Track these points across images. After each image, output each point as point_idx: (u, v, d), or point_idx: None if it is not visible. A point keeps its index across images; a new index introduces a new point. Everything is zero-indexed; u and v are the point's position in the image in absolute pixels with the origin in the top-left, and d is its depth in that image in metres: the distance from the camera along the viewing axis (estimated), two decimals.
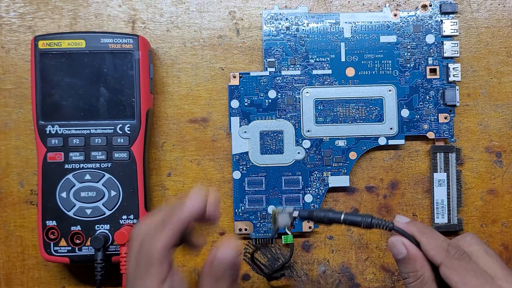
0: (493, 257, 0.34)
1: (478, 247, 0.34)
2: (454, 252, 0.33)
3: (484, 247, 0.34)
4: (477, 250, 0.34)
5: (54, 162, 0.41)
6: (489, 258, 0.34)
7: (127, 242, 0.40)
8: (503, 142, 0.45)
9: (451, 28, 0.44)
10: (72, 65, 0.41)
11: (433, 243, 0.33)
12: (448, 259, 0.33)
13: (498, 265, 0.33)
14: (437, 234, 0.34)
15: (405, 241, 0.34)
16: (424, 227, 0.35)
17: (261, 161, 0.44)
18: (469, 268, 0.33)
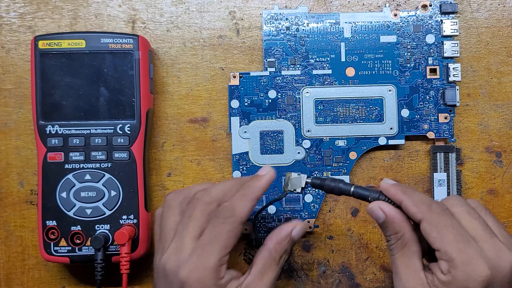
0: (476, 219, 0.33)
1: (462, 208, 0.34)
2: (436, 207, 0.33)
3: (467, 209, 0.34)
4: (460, 211, 0.33)
5: (54, 162, 0.41)
6: (472, 220, 0.33)
7: (127, 241, 0.40)
8: (503, 142, 0.45)
9: (451, 28, 0.44)
10: (72, 65, 0.41)
11: (414, 200, 0.33)
12: (429, 214, 0.33)
13: (480, 226, 0.33)
14: (419, 193, 0.34)
15: (382, 205, 0.34)
16: (408, 188, 0.35)
17: (261, 161, 0.44)
18: (449, 224, 0.32)
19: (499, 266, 0.31)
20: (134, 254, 0.42)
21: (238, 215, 0.34)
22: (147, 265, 0.45)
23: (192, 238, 0.34)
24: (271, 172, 0.36)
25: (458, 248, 0.31)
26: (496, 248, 0.32)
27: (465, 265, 0.31)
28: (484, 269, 0.31)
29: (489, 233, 0.32)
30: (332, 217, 0.45)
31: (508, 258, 0.31)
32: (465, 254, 0.31)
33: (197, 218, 0.34)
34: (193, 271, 0.33)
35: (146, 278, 0.45)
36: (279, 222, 0.44)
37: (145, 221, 0.42)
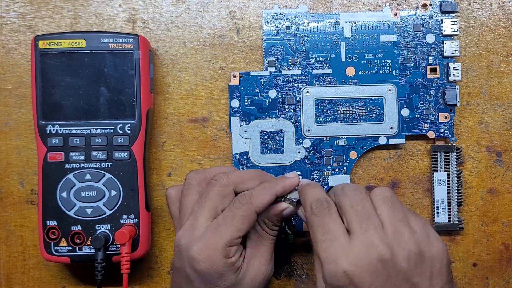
0: (355, 212, 0.33)
1: (347, 200, 0.34)
2: (315, 208, 0.34)
3: (351, 200, 0.34)
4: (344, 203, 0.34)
5: (54, 162, 0.41)
6: (352, 212, 0.33)
7: (128, 241, 0.40)
8: (503, 142, 0.45)
9: (451, 28, 0.44)
10: (73, 65, 0.41)
11: (304, 199, 0.35)
12: (308, 215, 0.34)
13: (357, 219, 0.33)
14: (311, 191, 0.35)
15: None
16: (307, 185, 0.36)
17: (262, 160, 0.44)
18: (320, 223, 0.33)
19: (364, 260, 0.31)
20: (135, 254, 0.42)
21: (254, 203, 0.36)
22: (147, 265, 0.45)
23: (206, 218, 0.36)
24: (297, 178, 0.38)
25: (323, 247, 0.32)
26: (365, 242, 0.32)
27: (328, 263, 0.32)
28: (342, 264, 0.31)
29: (364, 227, 0.32)
30: None
31: (375, 250, 0.31)
32: (328, 252, 0.32)
33: (212, 198, 0.36)
34: (203, 249, 0.34)
35: (147, 277, 0.45)
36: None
37: (146, 221, 0.42)
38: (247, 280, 0.36)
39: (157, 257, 0.45)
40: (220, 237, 0.34)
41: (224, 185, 0.36)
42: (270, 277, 0.38)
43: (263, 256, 0.37)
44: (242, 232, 0.35)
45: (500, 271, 0.45)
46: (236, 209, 0.35)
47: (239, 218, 0.35)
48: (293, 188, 0.37)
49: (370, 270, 0.31)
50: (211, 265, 0.34)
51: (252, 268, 0.36)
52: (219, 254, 0.34)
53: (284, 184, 0.37)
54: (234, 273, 0.35)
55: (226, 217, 0.35)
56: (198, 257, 0.34)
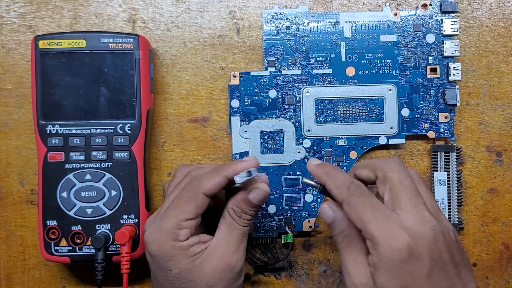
0: (406, 187, 0.33)
1: (396, 175, 0.34)
2: (354, 189, 0.33)
3: (400, 176, 0.34)
4: (393, 178, 0.34)
5: (54, 162, 0.41)
6: (402, 188, 0.33)
7: (128, 241, 0.40)
8: (503, 141, 0.45)
9: (451, 27, 0.44)
10: (73, 65, 0.41)
11: (336, 182, 0.34)
12: (348, 196, 0.33)
13: (408, 195, 0.33)
14: (341, 174, 0.35)
15: (332, 206, 0.35)
16: (332, 168, 0.35)
17: (262, 160, 0.44)
18: (367, 203, 0.33)
19: (420, 233, 0.31)
20: (135, 254, 0.42)
21: (202, 185, 0.36)
22: (147, 265, 0.45)
23: (167, 205, 0.37)
24: (253, 161, 0.37)
25: (377, 224, 0.32)
26: (418, 216, 0.32)
27: (385, 239, 0.31)
28: (404, 237, 0.31)
29: (414, 202, 0.33)
30: None
31: (429, 224, 0.32)
32: (384, 228, 0.31)
33: (178, 188, 0.37)
34: (152, 231, 0.36)
35: (147, 277, 0.45)
36: (280, 222, 0.44)
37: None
38: (206, 269, 0.35)
39: None
40: (167, 219, 0.35)
41: (192, 176, 0.37)
42: (237, 270, 0.36)
43: (228, 247, 0.36)
44: (189, 214, 0.35)
45: (500, 271, 0.45)
46: (184, 192, 0.36)
47: (185, 199, 0.35)
48: (246, 169, 0.36)
49: (428, 242, 0.31)
50: (160, 248, 0.35)
51: (213, 257, 0.36)
52: (166, 236, 0.35)
53: (234, 166, 0.36)
54: (186, 257, 0.35)
55: (174, 201, 0.36)
56: (148, 239, 0.35)
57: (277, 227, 0.44)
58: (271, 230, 0.44)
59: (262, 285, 0.45)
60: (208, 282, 0.35)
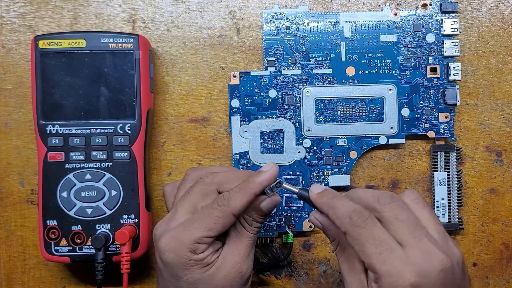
0: (403, 222, 0.32)
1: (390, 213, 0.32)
2: (356, 219, 0.32)
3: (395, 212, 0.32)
4: (388, 216, 0.32)
5: (54, 162, 0.41)
6: (399, 224, 0.32)
7: (128, 241, 0.40)
8: (503, 141, 0.45)
9: (451, 27, 0.44)
10: (73, 64, 0.41)
11: (337, 213, 0.33)
12: (350, 227, 0.32)
13: (407, 230, 0.31)
14: (342, 203, 0.33)
15: (318, 216, 0.35)
16: (332, 197, 0.34)
17: (262, 160, 0.44)
18: (369, 235, 0.31)
19: (427, 271, 0.30)
20: (135, 254, 0.42)
21: (231, 205, 0.35)
22: (147, 265, 0.45)
23: (185, 212, 0.36)
24: (274, 168, 0.36)
25: (380, 259, 0.30)
26: (423, 252, 0.31)
27: (389, 276, 0.30)
28: (408, 277, 0.30)
29: (417, 236, 0.31)
30: None
31: (437, 260, 0.30)
32: (388, 264, 0.30)
33: (193, 194, 0.36)
34: (171, 240, 0.35)
35: (147, 277, 0.45)
36: (280, 221, 0.44)
37: (146, 221, 0.42)
38: (219, 277, 0.35)
39: None
40: (190, 232, 0.34)
41: (207, 183, 0.36)
42: (247, 276, 0.37)
43: (239, 254, 0.36)
44: (214, 232, 0.35)
45: (500, 271, 0.45)
46: (213, 210, 0.35)
47: (213, 219, 0.35)
48: (273, 179, 0.36)
49: (435, 279, 0.30)
50: (176, 258, 0.34)
51: (226, 265, 0.36)
52: (185, 248, 0.34)
53: (260, 181, 0.36)
54: (201, 268, 0.35)
55: (201, 215, 0.35)
56: (164, 247, 0.35)
57: (277, 227, 0.44)
58: (271, 230, 0.44)
59: (262, 285, 0.45)
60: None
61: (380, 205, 0.33)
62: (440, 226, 0.33)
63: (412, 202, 0.34)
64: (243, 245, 0.36)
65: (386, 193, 0.33)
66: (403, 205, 0.33)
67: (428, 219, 0.33)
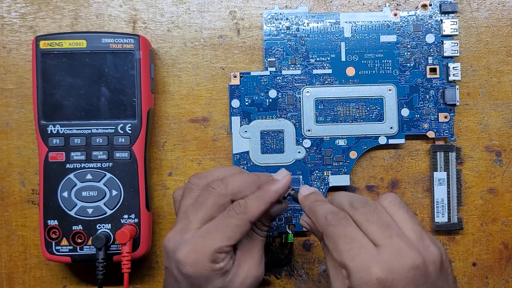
0: (373, 223, 0.32)
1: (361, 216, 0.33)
2: (331, 218, 0.33)
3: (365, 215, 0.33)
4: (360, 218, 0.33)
5: (55, 162, 0.42)
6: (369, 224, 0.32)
7: (129, 241, 0.40)
8: (503, 141, 0.45)
9: (451, 28, 0.44)
10: (73, 65, 0.41)
11: (316, 215, 0.34)
12: (325, 226, 0.33)
13: (378, 229, 0.32)
14: (321, 207, 0.34)
15: (306, 219, 0.37)
16: (314, 201, 0.35)
17: (262, 160, 0.44)
18: (341, 233, 0.32)
19: (396, 267, 0.30)
20: (135, 253, 0.42)
21: (249, 213, 0.35)
22: (148, 264, 0.45)
23: (199, 223, 0.35)
24: (288, 176, 0.37)
25: (350, 255, 0.31)
26: (394, 249, 0.31)
27: (358, 271, 0.31)
28: (375, 271, 0.30)
29: (387, 235, 0.32)
30: None
31: (407, 256, 0.31)
32: (356, 260, 0.31)
33: (208, 206, 0.36)
34: (191, 252, 0.34)
35: (147, 277, 0.45)
36: (280, 221, 0.44)
37: (146, 221, 0.42)
38: (236, 283, 0.35)
39: (157, 256, 0.45)
40: (210, 243, 0.34)
41: (222, 195, 0.36)
42: (261, 279, 0.37)
43: (253, 258, 0.37)
44: (233, 240, 0.35)
45: (499, 271, 0.45)
46: (230, 218, 0.35)
47: (232, 227, 0.35)
48: (287, 187, 0.37)
49: (403, 276, 0.30)
50: (198, 270, 0.34)
51: (242, 271, 0.36)
52: (207, 259, 0.34)
53: (277, 189, 0.36)
54: (221, 277, 0.35)
55: (219, 224, 0.35)
56: (185, 260, 0.34)
57: (277, 227, 0.44)
58: (271, 230, 0.44)
59: (262, 284, 0.45)
60: None
61: (353, 209, 0.33)
62: (416, 226, 0.33)
63: (389, 204, 0.34)
64: (256, 249, 0.37)
65: (361, 198, 0.34)
66: (375, 208, 0.33)
67: (403, 219, 0.33)
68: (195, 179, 0.38)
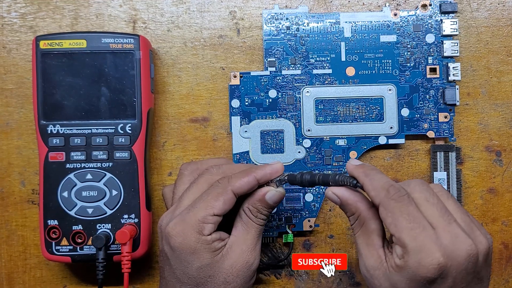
0: (434, 205, 0.33)
1: (421, 194, 0.33)
2: (394, 193, 0.32)
3: (426, 195, 0.33)
4: (419, 197, 0.33)
5: (55, 162, 0.42)
6: (430, 206, 0.32)
7: (129, 241, 0.40)
8: (503, 141, 0.45)
9: (451, 28, 0.44)
10: (73, 65, 0.41)
11: (374, 184, 0.33)
12: (386, 199, 0.33)
13: (438, 213, 0.32)
14: (381, 176, 0.34)
15: (334, 190, 0.35)
16: (371, 169, 0.35)
17: (262, 160, 0.44)
18: (404, 210, 0.32)
19: (454, 253, 0.31)
20: (136, 253, 0.42)
21: (232, 183, 0.36)
22: (148, 264, 0.45)
23: (189, 200, 0.36)
24: (280, 164, 0.37)
25: (411, 235, 0.31)
26: (453, 235, 0.31)
27: (417, 252, 0.31)
28: (437, 256, 0.30)
29: (447, 220, 0.32)
30: (333, 216, 0.45)
31: (464, 245, 0.31)
32: (418, 241, 0.31)
33: (200, 184, 0.37)
34: (177, 224, 0.35)
35: (148, 277, 0.45)
36: (280, 221, 0.44)
37: (146, 220, 0.42)
38: (226, 265, 0.36)
39: (158, 256, 0.45)
40: (194, 212, 0.35)
41: (214, 173, 0.37)
42: (254, 268, 0.37)
43: (246, 244, 0.37)
44: (216, 209, 0.35)
45: (500, 271, 0.45)
46: (213, 188, 0.36)
47: (214, 195, 0.35)
48: (276, 174, 0.37)
49: (459, 263, 0.31)
50: (183, 239, 0.35)
51: (232, 254, 0.36)
52: (192, 229, 0.35)
53: (264, 170, 0.37)
54: (209, 252, 0.35)
55: (202, 195, 0.36)
56: (171, 232, 0.35)
57: (277, 227, 0.44)
58: (271, 229, 0.44)
59: (262, 284, 0.45)
60: (226, 278, 0.36)
61: (411, 188, 0.33)
62: (466, 216, 0.33)
63: (440, 193, 0.34)
64: (250, 235, 0.37)
65: (417, 180, 0.34)
66: (433, 191, 0.33)
67: (453, 209, 0.33)
68: (185, 165, 0.39)
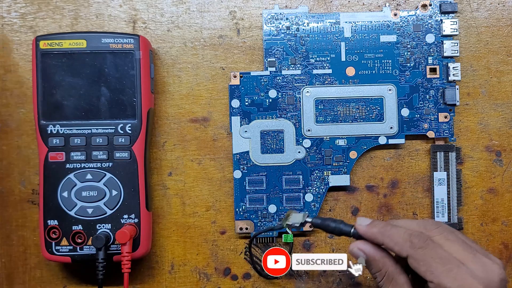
0: (454, 242, 0.33)
1: (440, 235, 0.34)
2: (417, 242, 0.33)
3: (444, 234, 0.34)
4: (439, 238, 0.34)
5: (55, 162, 0.42)
6: (451, 244, 0.33)
7: (129, 241, 0.40)
8: (503, 141, 0.45)
9: (451, 28, 0.44)
10: (73, 65, 0.41)
11: (395, 239, 0.34)
12: (412, 250, 0.33)
13: (461, 248, 0.33)
14: (397, 230, 0.34)
15: (360, 246, 0.35)
16: (384, 225, 0.35)
17: (262, 160, 0.44)
18: (434, 255, 0.32)
19: (490, 282, 0.32)
20: (136, 253, 0.42)
21: None
22: (148, 264, 0.45)
23: None
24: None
25: (451, 276, 0.32)
26: (481, 265, 0.32)
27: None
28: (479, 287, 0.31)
29: (471, 252, 0.33)
30: (333, 216, 0.45)
31: (495, 272, 0.32)
32: (459, 280, 0.31)
33: None
34: None
35: (147, 277, 0.45)
36: (280, 221, 0.44)
37: (146, 221, 0.42)
38: None
39: (158, 256, 0.45)
40: None
41: None
42: None
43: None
44: None
45: None
46: None
47: None
48: None
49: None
50: None
51: None
52: None
53: None
54: None
55: None
56: None
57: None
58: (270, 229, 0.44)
59: (262, 284, 0.45)
60: None
61: (428, 231, 0.34)
62: (476, 243, 0.34)
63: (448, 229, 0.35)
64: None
65: (429, 220, 0.35)
66: (448, 227, 0.34)
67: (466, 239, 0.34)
68: None
